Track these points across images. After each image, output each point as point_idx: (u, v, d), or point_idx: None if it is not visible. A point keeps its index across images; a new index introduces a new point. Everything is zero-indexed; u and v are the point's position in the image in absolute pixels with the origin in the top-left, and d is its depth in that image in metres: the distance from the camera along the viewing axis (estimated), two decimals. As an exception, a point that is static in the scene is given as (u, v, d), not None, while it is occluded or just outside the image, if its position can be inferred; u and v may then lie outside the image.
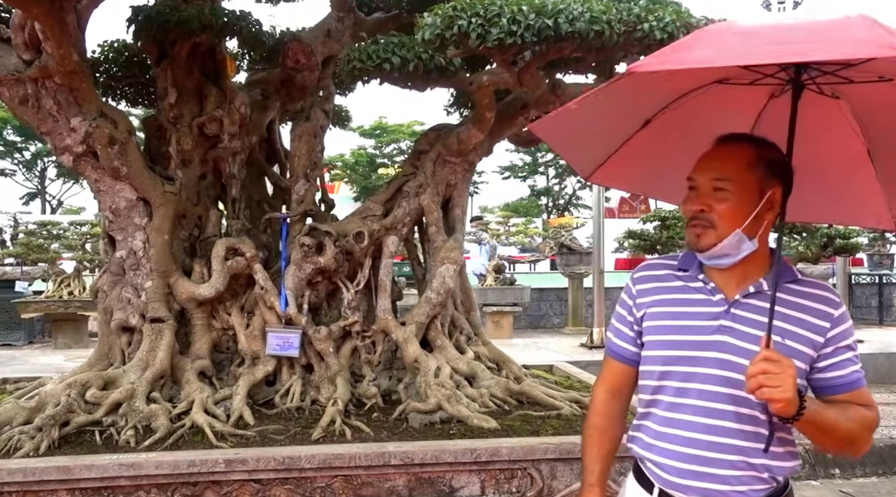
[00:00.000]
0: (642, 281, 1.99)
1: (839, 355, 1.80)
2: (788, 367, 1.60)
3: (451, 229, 6.35)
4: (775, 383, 1.57)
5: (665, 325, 1.88)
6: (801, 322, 1.78)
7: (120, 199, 5.73)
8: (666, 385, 1.86)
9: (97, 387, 5.31)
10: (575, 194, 46.37)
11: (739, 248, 1.80)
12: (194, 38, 5.78)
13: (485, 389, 5.86)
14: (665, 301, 1.91)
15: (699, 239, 1.84)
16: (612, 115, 1.98)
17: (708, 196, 1.82)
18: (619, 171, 2.17)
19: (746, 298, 1.81)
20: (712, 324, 1.81)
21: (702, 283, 1.86)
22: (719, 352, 1.78)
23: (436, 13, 4.25)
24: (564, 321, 17.23)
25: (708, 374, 1.79)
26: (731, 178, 1.79)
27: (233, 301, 5.98)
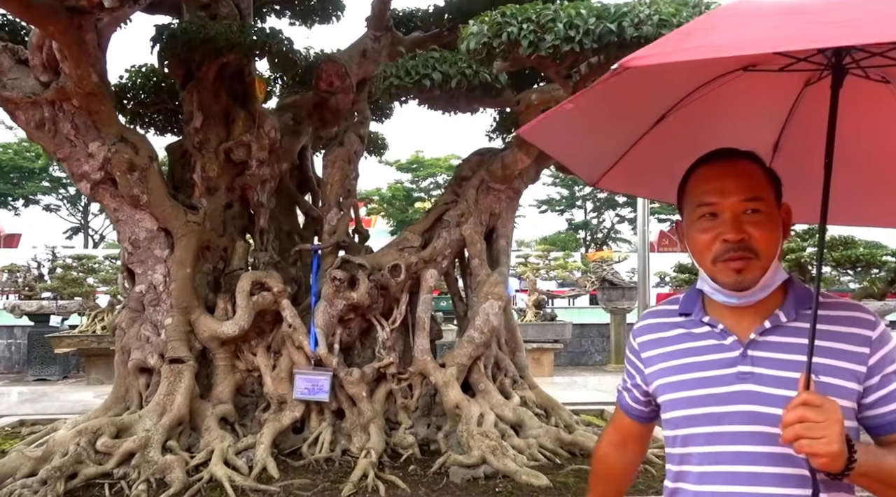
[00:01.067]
0: (642, 333, 1.77)
1: (889, 385, 1.53)
2: (832, 411, 1.36)
3: (494, 262, 5.86)
4: (817, 434, 1.34)
5: (677, 382, 1.64)
6: (835, 352, 1.53)
7: (140, 230, 5.37)
8: (691, 452, 1.63)
9: (109, 434, 4.90)
10: (613, 228, 45.78)
11: (775, 281, 1.58)
12: (222, 58, 5.44)
13: (533, 439, 5.35)
14: (671, 354, 1.68)
15: (742, 274, 1.56)
16: (618, 112, 1.78)
17: (742, 221, 1.56)
18: (631, 175, 1.95)
19: (763, 336, 1.57)
20: (729, 372, 1.57)
21: (708, 327, 1.64)
22: (745, 404, 1.55)
23: (482, 20, 3.81)
24: (606, 358, 16.67)
25: (736, 433, 1.56)
26: (763, 198, 1.56)
27: (258, 340, 5.58)
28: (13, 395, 11.69)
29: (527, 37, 3.63)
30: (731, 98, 1.74)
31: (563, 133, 1.85)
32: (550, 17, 3.60)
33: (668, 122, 1.80)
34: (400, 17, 6.69)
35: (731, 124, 1.82)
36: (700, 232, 1.59)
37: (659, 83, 1.72)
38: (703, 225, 1.59)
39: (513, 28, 3.65)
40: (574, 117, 1.71)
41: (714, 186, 1.59)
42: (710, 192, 1.59)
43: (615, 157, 1.92)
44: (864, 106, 1.68)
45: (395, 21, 6.49)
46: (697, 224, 1.60)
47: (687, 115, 1.78)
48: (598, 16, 3.58)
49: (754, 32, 1.31)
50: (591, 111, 1.69)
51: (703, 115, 1.78)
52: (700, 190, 1.61)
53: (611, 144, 1.90)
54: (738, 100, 1.76)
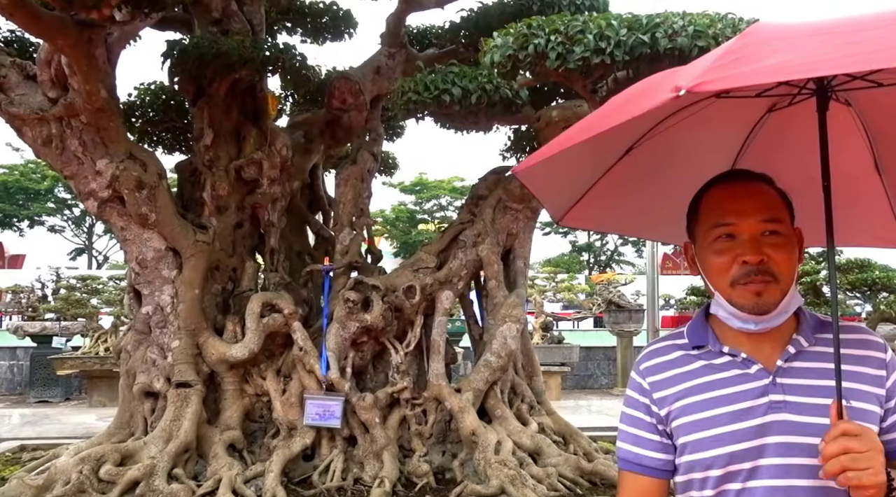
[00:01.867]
0: (654, 371, 1.64)
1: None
2: (873, 440, 1.33)
3: (512, 283, 5.70)
4: (863, 465, 1.29)
5: (706, 418, 1.54)
6: (859, 376, 1.50)
7: (147, 249, 5.22)
8: (725, 489, 1.52)
9: (113, 462, 4.72)
10: (617, 250, 45.76)
11: (791, 305, 1.52)
12: (234, 74, 5.32)
13: (552, 468, 5.16)
14: (693, 389, 1.57)
15: (762, 297, 1.49)
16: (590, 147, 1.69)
17: (760, 242, 1.51)
18: (596, 210, 1.91)
19: (789, 362, 1.52)
20: (760, 402, 1.50)
21: (729, 357, 1.55)
22: (780, 435, 1.48)
23: (507, 33, 3.68)
24: (613, 382, 16.49)
25: (773, 466, 1.48)
26: (780, 219, 1.53)
27: (268, 363, 5.41)
28: (14, 417, 11.52)
29: (555, 48, 3.50)
30: (694, 127, 1.71)
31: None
32: (580, 29, 3.48)
33: (633, 155, 1.77)
34: (414, 33, 6.60)
35: (688, 155, 1.81)
36: (716, 254, 1.53)
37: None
38: (719, 246, 1.53)
39: (540, 40, 3.52)
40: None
41: (731, 207, 1.54)
42: (727, 212, 1.54)
43: (580, 192, 1.88)
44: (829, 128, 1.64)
45: (409, 38, 6.39)
46: (713, 245, 1.54)
47: (652, 147, 1.75)
48: (629, 27, 3.45)
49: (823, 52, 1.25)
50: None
51: (667, 146, 1.75)
52: (716, 211, 1.56)
53: (578, 179, 1.87)
54: (700, 129, 1.74)
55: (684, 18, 3.45)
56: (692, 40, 3.38)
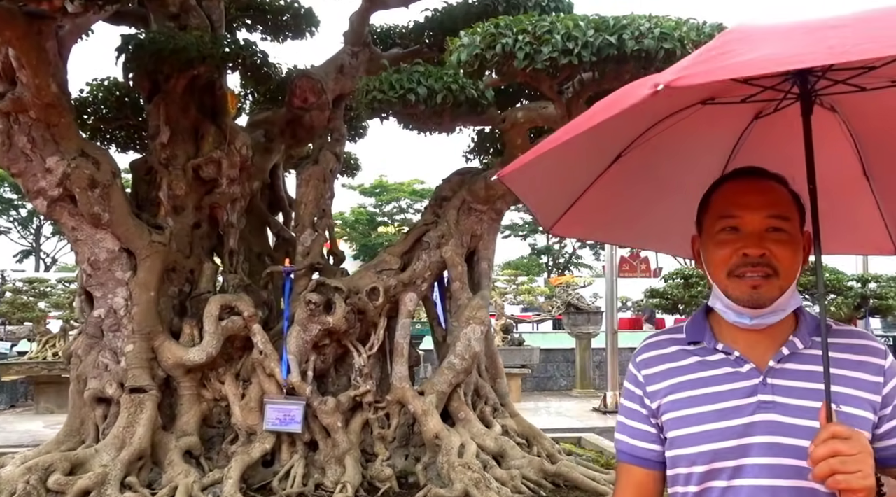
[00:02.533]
0: (648, 364, 1.66)
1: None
2: (863, 443, 1.32)
3: (476, 285, 5.67)
4: (852, 468, 1.29)
5: (694, 414, 1.55)
6: (852, 381, 1.50)
7: (100, 250, 5.05)
8: (710, 487, 1.53)
9: (62, 471, 4.55)
10: (575, 253, 46.23)
11: (790, 304, 1.52)
12: (192, 71, 5.18)
13: (516, 471, 5.15)
14: (685, 384, 1.59)
15: (759, 290, 1.50)
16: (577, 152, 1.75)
17: (763, 237, 1.52)
18: (587, 219, 1.91)
19: (782, 364, 1.52)
20: (749, 401, 1.51)
21: (723, 355, 1.57)
22: (766, 435, 1.48)
23: (474, 32, 3.64)
24: (572, 383, 16.65)
25: (758, 466, 1.48)
26: (788, 217, 1.53)
27: (227, 367, 5.27)
28: (-44, 425, 11.12)
29: (522, 48, 3.48)
30: (683, 135, 1.73)
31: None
32: (547, 29, 3.46)
33: (622, 162, 1.78)
34: (378, 33, 6.52)
35: (676, 164, 1.83)
36: (718, 245, 1.54)
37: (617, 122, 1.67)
38: (722, 238, 1.54)
39: (508, 39, 3.50)
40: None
41: (739, 200, 1.55)
42: (734, 205, 1.55)
43: (571, 200, 1.88)
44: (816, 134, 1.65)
45: (373, 37, 6.32)
46: (717, 237, 1.56)
47: (641, 155, 1.75)
48: (596, 28, 3.45)
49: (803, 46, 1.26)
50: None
51: (656, 153, 1.76)
52: (724, 203, 1.57)
53: (568, 187, 1.87)
54: (689, 137, 1.75)
55: (650, 21, 3.46)
56: (658, 42, 3.39)
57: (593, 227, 2.05)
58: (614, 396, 12.59)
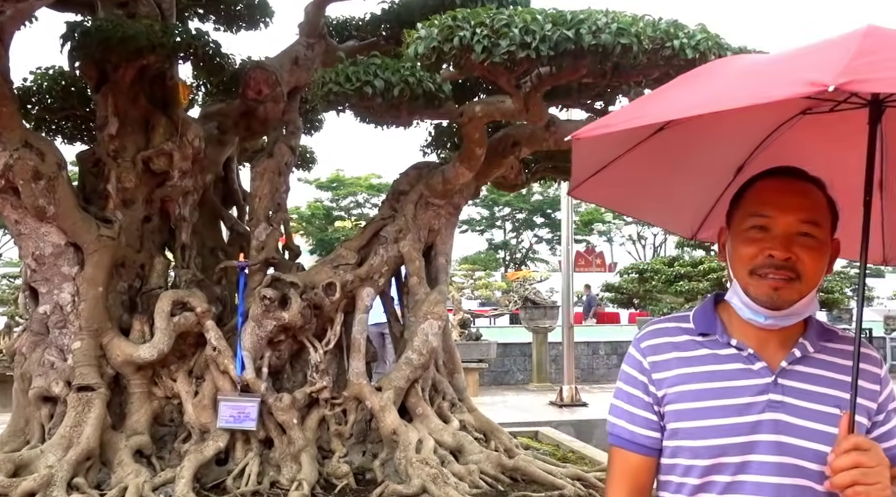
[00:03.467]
0: (656, 351, 1.63)
1: (890, 421, 1.56)
2: (882, 456, 1.35)
3: (433, 280, 5.65)
4: (872, 480, 1.31)
5: (702, 408, 1.55)
6: (856, 388, 1.50)
7: (45, 244, 4.88)
8: (713, 481, 1.54)
9: (6, 473, 4.41)
10: (532, 248, 46.61)
11: (808, 308, 1.53)
12: (141, 60, 5.04)
13: (474, 466, 5.15)
14: (693, 376, 1.58)
15: (778, 293, 1.50)
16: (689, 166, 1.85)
17: (792, 241, 1.51)
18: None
19: (792, 365, 1.54)
20: (759, 400, 1.52)
21: (735, 350, 1.57)
22: (774, 434, 1.50)
23: (431, 24, 3.62)
24: (529, 377, 16.75)
25: (764, 463, 1.50)
26: (820, 224, 1.52)
27: (179, 364, 5.16)
28: None
29: (480, 42, 3.46)
30: (809, 140, 1.75)
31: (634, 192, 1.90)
32: (505, 23, 3.45)
33: (749, 171, 1.77)
34: (334, 24, 6.43)
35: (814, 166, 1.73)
36: (745, 243, 1.54)
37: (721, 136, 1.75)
38: (751, 235, 1.54)
39: (465, 32, 3.48)
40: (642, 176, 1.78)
41: (773, 200, 1.54)
42: (767, 204, 1.54)
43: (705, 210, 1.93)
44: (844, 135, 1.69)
45: (329, 29, 6.22)
46: (745, 234, 1.55)
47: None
48: (554, 22, 3.45)
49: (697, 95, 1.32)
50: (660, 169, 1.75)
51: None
52: (757, 200, 1.56)
53: (695, 198, 1.93)
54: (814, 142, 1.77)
55: (607, 16, 3.48)
56: (615, 37, 3.41)
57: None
58: (570, 390, 12.74)
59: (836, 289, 11.46)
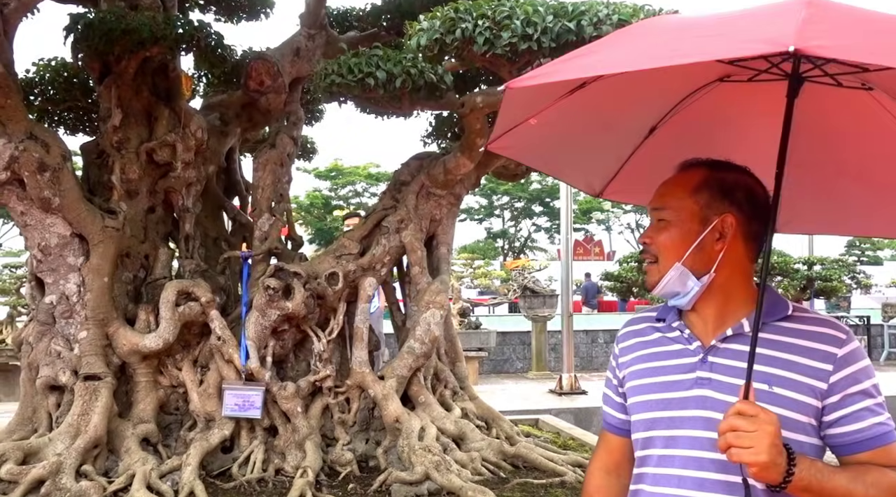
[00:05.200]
0: (623, 339, 1.80)
1: (851, 405, 1.51)
2: (767, 422, 1.36)
3: (435, 270, 5.69)
4: (746, 443, 1.35)
5: (643, 385, 1.68)
6: (795, 366, 1.54)
7: (51, 235, 4.92)
8: (650, 454, 1.64)
9: (15, 460, 4.45)
10: (530, 237, 46.57)
11: (686, 285, 1.60)
12: (144, 52, 5.06)
13: (476, 453, 5.20)
14: (644, 357, 1.71)
15: (646, 276, 1.69)
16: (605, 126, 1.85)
17: (653, 228, 1.66)
18: (631, 185, 1.99)
19: (725, 343, 1.59)
20: (689, 377, 1.60)
21: (678, 332, 1.66)
22: (700, 409, 1.56)
23: (433, 16, 3.64)
24: (528, 366, 16.81)
25: (691, 437, 1.57)
26: (669, 206, 1.64)
27: (184, 354, 5.20)
28: None
29: (482, 34, 3.50)
30: (722, 108, 1.77)
31: (548, 147, 1.89)
32: (507, 14, 3.48)
33: (661, 132, 1.84)
34: (335, 15, 6.44)
35: (725, 134, 1.86)
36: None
37: (639, 95, 1.75)
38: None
39: (467, 24, 3.51)
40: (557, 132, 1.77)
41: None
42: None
43: (614, 168, 1.96)
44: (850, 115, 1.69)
45: (330, 19, 6.23)
46: None
47: (678, 126, 1.81)
48: (555, 14, 3.48)
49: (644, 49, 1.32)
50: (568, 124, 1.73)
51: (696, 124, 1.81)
52: None
53: (605, 156, 1.94)
54: (727, 109, 1.78)
55: (609, 7, 3.51)
56: (616, 29, 3.43)
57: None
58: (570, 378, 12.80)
59: (835, 276, 11.48)
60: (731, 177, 1.62)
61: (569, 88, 1.69)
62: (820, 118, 1.70)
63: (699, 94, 1.77)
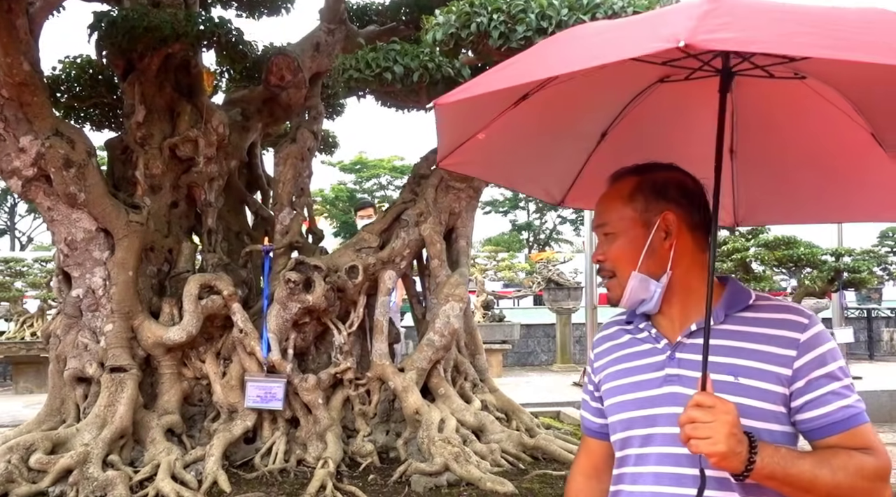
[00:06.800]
0: (598, 344, 1.83)
1: (816, 389, 1.51)
2: (723, 412, 1.38)
3: (454, 263, 5.70)
4: (704, 434, 1.37)
5: (617, 386, 1.70)
6: (758, 354, 1.54)
7: (77, 230, 5.02)
8: (628, 454, 1.66)
9: (44, 450, 4.56)
10: (556, 229, 46.34)
11: (648, 290, 1.62)
12: (166, 49, 5.13)
13: (495, 444, 5.21)
14: (616, 360, 1.74)
15: (609, 293, 1.70)
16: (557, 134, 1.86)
17: (602, 244, 1.69)
18: (592, 189, 1.94)
19: (691, 338, 1.61)
20: (658, 375, 1.62)
21: (646, 333, 1.70)
22: (671, 406, 1.57)
23: (449, 11, 3.65)
24: (552, 358, 16.83)
25: (665, 435, 1.58)
26: (610, 220, 1.67)
27: (207, 346, 5.27)
28: (-66, 406, 11.01)
29: (497, 28, 3.50)
30: (667, 108, 1.79)
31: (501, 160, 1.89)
32: (521, 8, 3.48)
33: (612, 137, 1.86)
34: (354, 9, 6.47)
35: (674, 132, 1.88)
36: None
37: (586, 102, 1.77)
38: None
39: (482, 18, 3.51)
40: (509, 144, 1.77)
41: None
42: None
43: (572, 175, 1.98)
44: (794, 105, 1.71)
45: (349, 14, 6.26)
46: None
47: (629, 129, 1.84)
48: (570, 7, 3.47)
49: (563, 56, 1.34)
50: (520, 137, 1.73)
51: (644, 126, 1.84)
52: None
53: (562, 164, 1.95)
54: (672, 109, 1.81)
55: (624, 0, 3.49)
56: (632, 21, 3.42)
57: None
58: (594, 370, 12.79)
59: (864, 268, 11.27)
60: (660, 176, 1.65)
61: (512, 100, 1.72)
62: (762, 111, 1.74)
63: (643, 97, 1.79)
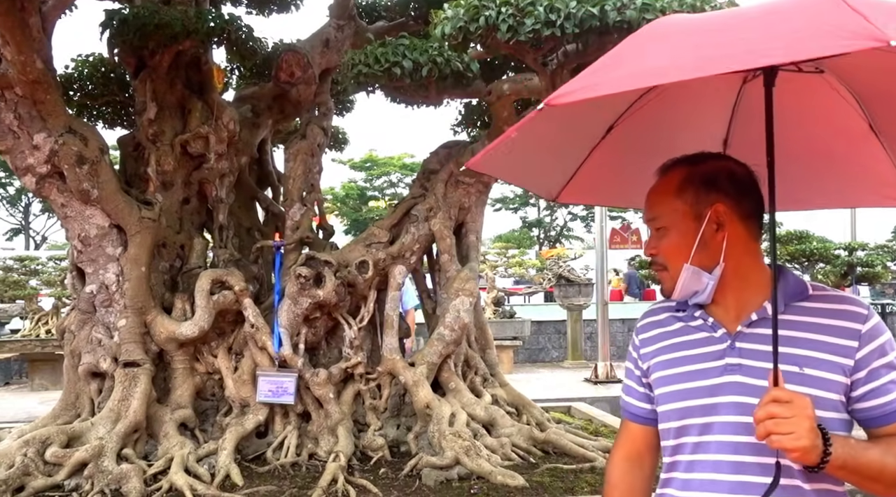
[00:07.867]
0: (644, 329, 1.82)
1: (878, 379, 1.53)
2: (802, 407, 1.39)
3: (464, 257, 5.71)
4: (786, 429, 1.37)
5: (672, 375, 1.69)
6: (822, 345, 1.55)
7: (90, 227, 5.06)
8: (684, 442, 1.66)
9: (59, 444, 4.61)
10: (566, 226, 46.21)
11: (701, 282, 1.62)
12: (177, 46, 5.16)
13: (506, 438, 5.23)
14: (669, 347, 1.73)
15: (662, 285, 1.71)
16: (564, 129, 1.83)
17: (653, 238, 1.69)
18: (588, 185, 2.01)
19: (751, 328, 1.61)
20: (718, 364, 1.61)
21: (701, 321, 1.68)
22: (732, 395, 1.58)
23: (457, 4, 3.66)
24: (564, 355, 16.78)
25: (725, 423, 1.59)
26: (661, 213, 1.67)
27: (219, 341, 5.32)
28: (-49, 403, 11.12)
29: (505, 21, 3.50)
30: (676, 100, 1.78)
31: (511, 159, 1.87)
32: (529, 1, 3.48)
33: (618, 131, 1.85)
34: (363, 5, 6.49)
35: (681, 126, 1.88)
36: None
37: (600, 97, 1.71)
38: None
39: (491, 12, 3.52)
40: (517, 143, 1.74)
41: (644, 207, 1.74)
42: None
43: (570, 171, 1.97)
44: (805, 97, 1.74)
45: (358, 10, 6.28)
46: None
47: (637, 121, 1.83)
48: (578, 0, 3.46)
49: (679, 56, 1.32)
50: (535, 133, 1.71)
51: (652, 118, 1.83)
52: None
53: (563, 160, 1.95)
54: (683, 101, 1.80)
55: (633, -9, 3.48)
56: (640, 13, 3.41)
57: (599, 193, 2.16)
58: (605, 367, 12.75)
59: (878, 262, 11.18)
60: (708, 166, 1.65)
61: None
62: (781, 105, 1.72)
63: (657, 89, 1.77)
